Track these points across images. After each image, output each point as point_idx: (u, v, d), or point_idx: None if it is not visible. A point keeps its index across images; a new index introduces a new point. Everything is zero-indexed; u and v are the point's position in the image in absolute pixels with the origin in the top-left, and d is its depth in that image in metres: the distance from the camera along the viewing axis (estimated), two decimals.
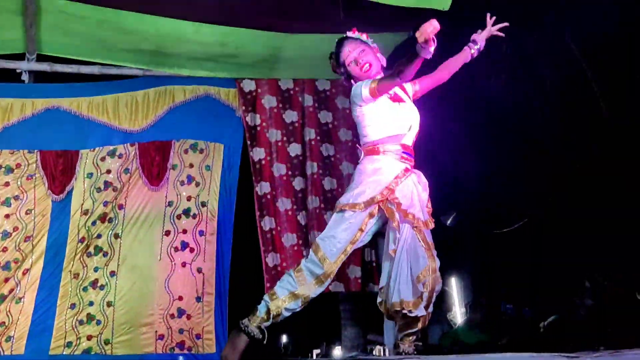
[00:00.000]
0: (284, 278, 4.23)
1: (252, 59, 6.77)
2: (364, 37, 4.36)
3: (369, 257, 6.92)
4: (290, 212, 6.92)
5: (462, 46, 4.51)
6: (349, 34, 4.37)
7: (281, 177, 6.97)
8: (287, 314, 4.15)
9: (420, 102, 4.47)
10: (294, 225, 6.91)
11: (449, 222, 11.00)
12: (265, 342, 4.11)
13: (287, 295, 4.14)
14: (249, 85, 7.07)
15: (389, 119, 4.18)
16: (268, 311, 4.12)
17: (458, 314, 8.87)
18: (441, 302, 9.61)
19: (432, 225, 4.21)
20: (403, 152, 4.20)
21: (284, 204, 6.93)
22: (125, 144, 6.86)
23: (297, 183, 6.99)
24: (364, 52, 4.26)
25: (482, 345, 6.74)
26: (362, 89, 4.13)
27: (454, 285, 10.84)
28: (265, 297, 4.17)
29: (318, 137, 7.09)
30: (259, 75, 7.05)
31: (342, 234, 4.14)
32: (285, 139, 7.05)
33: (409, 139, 4.24)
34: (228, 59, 6.74)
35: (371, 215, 4.15)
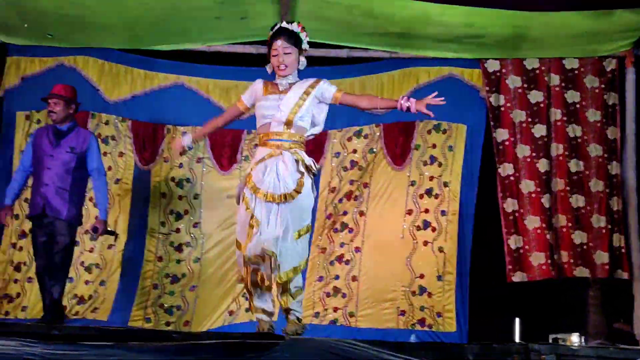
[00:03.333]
0: None
1: (496, 38, 6.69)
2: (302, 35, 4.69)
3: (617, 243, 6.64)
4: (534, 195, 6.80)
5: None
6: (289, 26, 4.68)
7: (525, 159, 6.85)
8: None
9: None
10: (537, 208, 6.78)
11: None
12: None
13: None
14: (493, 66, 7.00)
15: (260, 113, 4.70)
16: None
17: None
18: None
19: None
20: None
21: (528, 186, 6.81)
22: (370, 125, 7.08)
23: (542, 165, 6.83)
24: (288, 54, 4.63)
25: None
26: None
27: None
28: None
29: (564, 118, 6.87)
30: (504, 55, 6.96)
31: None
32: (529, 119, 6.91)
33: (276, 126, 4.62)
34: (472, 39, 6.71)
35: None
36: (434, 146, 6.99)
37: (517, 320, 9.07)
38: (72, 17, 6.50)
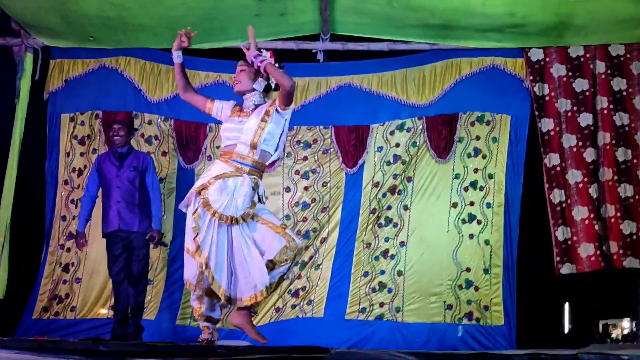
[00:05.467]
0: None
1: (539, 27, 6.58)
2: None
3: None
4: (581, 185, 6.69)
5: None
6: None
7: (571, 148, 6.74)
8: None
9: None
10: (585, 198, 6.66)
11: None
12: None
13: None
14: (536, 55, 6.89)
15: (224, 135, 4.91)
16: None
17: None
18: None
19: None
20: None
21: (575, 176, 6.70)
22: (413, 118, 7.02)
23: (588, 154, 6.71)
24: (242, 72, 4.89)
25: None
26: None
27: None
28: None
29: (611, 106, 6.74)
30: (547, 43, 6.84)
31: None
32: (575, 108, 6.80)
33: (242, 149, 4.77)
34: (515, 28, 6.61)
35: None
36: (478, 138, 6.92)
37: (567, 305, 8.92)
38: (114, 19, 6.56)
